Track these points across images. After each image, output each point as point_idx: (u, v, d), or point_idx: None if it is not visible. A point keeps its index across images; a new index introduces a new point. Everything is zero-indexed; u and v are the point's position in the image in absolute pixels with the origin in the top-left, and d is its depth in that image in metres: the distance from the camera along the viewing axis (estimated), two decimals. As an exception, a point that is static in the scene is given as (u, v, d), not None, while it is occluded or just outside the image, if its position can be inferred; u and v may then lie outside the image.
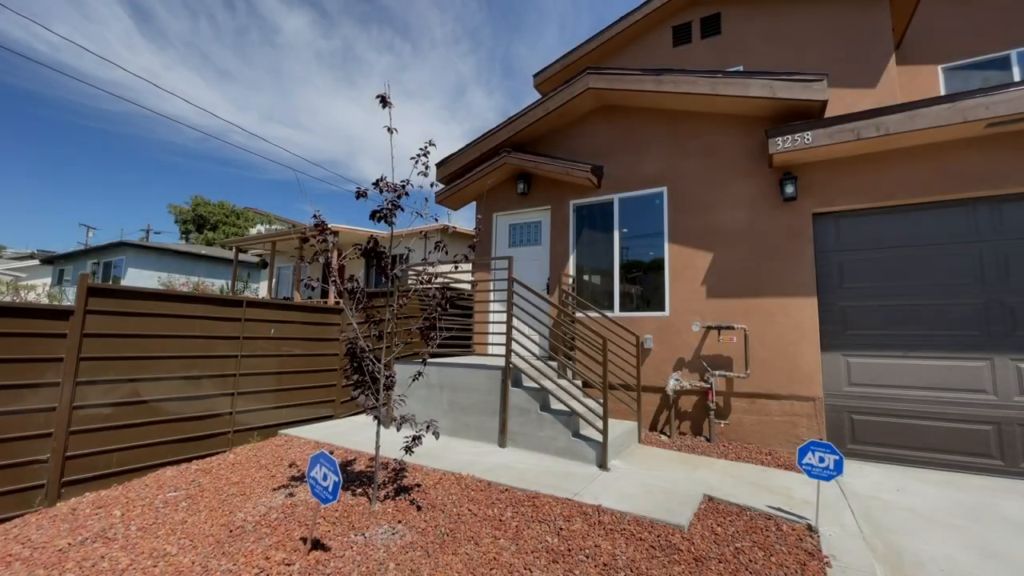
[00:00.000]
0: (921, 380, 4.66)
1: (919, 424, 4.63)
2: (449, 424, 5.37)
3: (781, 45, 7.80)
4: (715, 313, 5.60)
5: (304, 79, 58.52)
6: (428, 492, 3.71)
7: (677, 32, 9.00)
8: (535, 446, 4.80)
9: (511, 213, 7.59)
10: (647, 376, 5.82)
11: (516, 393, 5.00)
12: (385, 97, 3.27)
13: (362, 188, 3.27)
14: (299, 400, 5.92)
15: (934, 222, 4.79)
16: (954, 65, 7.67)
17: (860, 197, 5.04)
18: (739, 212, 5.62)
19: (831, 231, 5.21)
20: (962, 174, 4.63)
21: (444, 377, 5.53)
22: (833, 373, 5.02)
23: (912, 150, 4.83)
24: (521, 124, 7.13)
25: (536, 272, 7.19)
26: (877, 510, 3.67)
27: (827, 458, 3.33)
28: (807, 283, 5.15)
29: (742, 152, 5.72)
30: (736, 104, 5.62)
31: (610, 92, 6.47)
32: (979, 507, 3.70)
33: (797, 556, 2.89)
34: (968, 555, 2.98)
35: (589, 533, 3.08)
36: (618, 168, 6.59)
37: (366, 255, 3.32)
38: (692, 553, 2.87)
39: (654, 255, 6.23)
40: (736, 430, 5.36)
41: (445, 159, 7.94)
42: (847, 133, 4.75)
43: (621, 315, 6.23)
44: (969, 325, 4.53)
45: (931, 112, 4.45)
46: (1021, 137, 4.43)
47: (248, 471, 4.29)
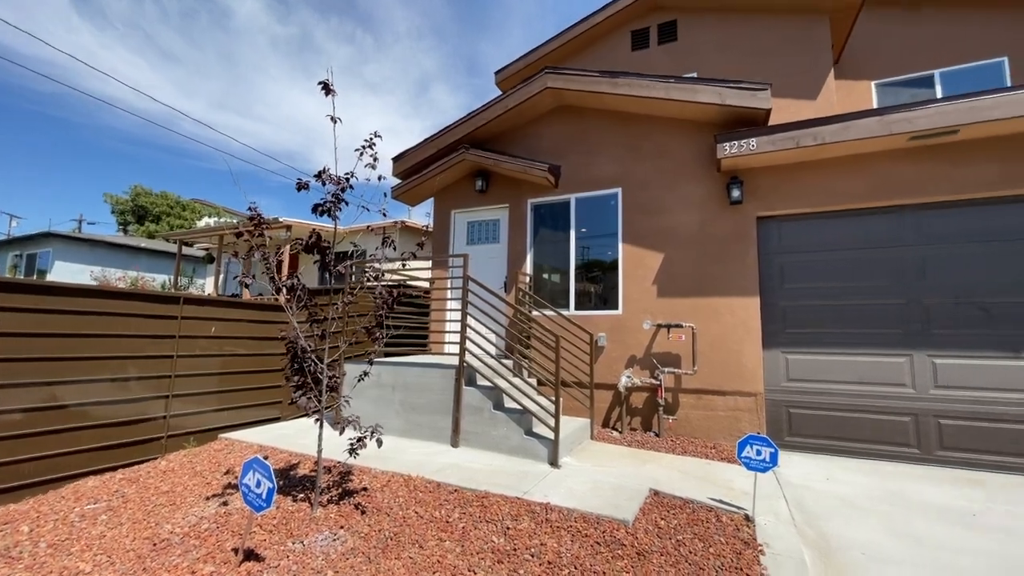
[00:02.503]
0: (850, 375, 4.97)
1: (848, 416, 4.94)
2: (401, 424, 5.26)
3: (732, 54, 8.11)
4: (665, 312, 5.75)
5: (259, 66, 55.83)
6: (374, 495, 3.61)
7: (636, 37, 9.18)
8: (488, 445, 4.77)
9: (469, 211, 7.52)
10: (601, 373, 5.92)
11: (470, 392, 4.95)
12: (328, 84, 3.13)
13: (303, 180, 3.12)
14: (244, 402, 5.63)
15: (864, 227, 5.11)
16: (885, 82, 8.23)
17: (800, 202, 5.31)
18: (689, 214, 5.80)
19: (774, 234, 5.46)
20: (889, 183, 4.96)
21: (397, 377, 5.40)
22: (773, 369, 5.28)
23: (846, 159, 5.13)
24: (480, 121, 7.07)
25: (494, 270, 7.16)
26: (809, 498, 3.87)
27: (764, 451, 3.48)
28: (751, 284, 5.38)
29: (693, 156, 5.90)
30: (688, 109, 5.79)
31: (568, 92, 6.52)
32: (898, 492, 3.97)
33: (734, 546, 3.00)
34: (888, 538, 3.19)
35: (536, 532, 3.08)
36: (575, 168, 6.65)
37: (308, 250, 3.18)
38: (635, 547, 2.92)
39: (609, 255, 6.33)
40: (684, 425, 5.54)
41: (402, 154, 7.77)
42: (788, 141, 4.99)
43: (576, 313, 6.30)
44: (892, 324, 4.87)
45: (862, 124, 4.74)
46: (939, 150, 4.79)
47: (180, 479, 4.03)
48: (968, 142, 4.68)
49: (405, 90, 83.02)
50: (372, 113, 76.19)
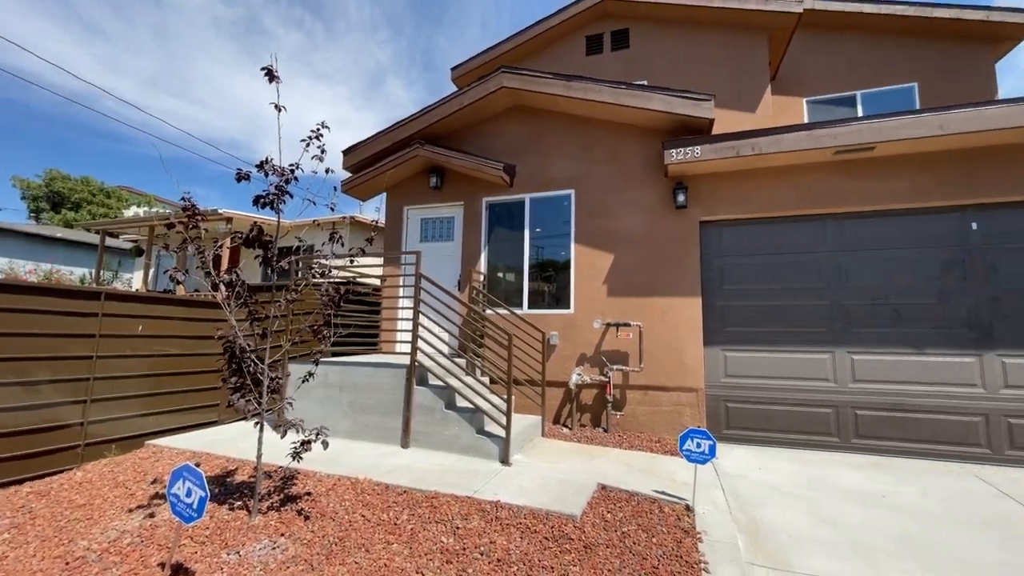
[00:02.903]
0: (781, 371, 5.34)
1: (779, 409, 5.30)
2: (349, 426, 5.10)
3: (680, 65, 8.47)
4: (615, 311, 5.93)
5: (199, 47, 51.99)
6: (319, 500, 3.48)
7: (590, 42, 9.38)
8: (439, 445, 4.72)
9: (423, 207, 7.40)
10: (552, 371, 6.01)
11: (421, 392, 4.88)
12: (272, 71, 2.97)
13: (244, 170, 2.95)
14: (176, 405, 5.26)
15: (795, 233, 5.50)
16: (815, 99, 8.89)
17: (739, 208, 5.63)
18: (637, 217, 6.01)
19: (715, 238, 5.76)
20: (816, 193, 5.37)
21: (345, 377, 5.23)
22: (713, 366, 5.57)
23: (780, 170, 5.50)
24: (435, 116, 6.98)
25: (448, 268, 7.09)
26: (743, 487, 4.12)
27: (703, 443, 3.67)
28: (694, 285, 5.65)
29: (642, 161, 6.12)
30: (638, 115, 5.99)
31: (523, 92, 6.56)
32: (821, 479, 4.31)
33: (674, 535, 3.14)
34: (810, 521, 3.46)
35: (486, 530, 3.08)
36: (530, 168, 6.71)
37: (248, 244, 3.01)
38: (583, 541, 3.00)
39: (562, 255, 6.44)
40: (631, 420, 5.74)
41: (353, 147, 7.53)
42: (728, 150, 5.28)
43: (530, 312, 6.36)
44: (818, 323, 5.28)
45: (793, 137, 5.10)
46: (859, 164, 5.24)
47: (100, 490, 3.71)
48: (883, 158, 5.14)
49: (358, 81, 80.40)
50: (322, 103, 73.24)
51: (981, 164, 4.89)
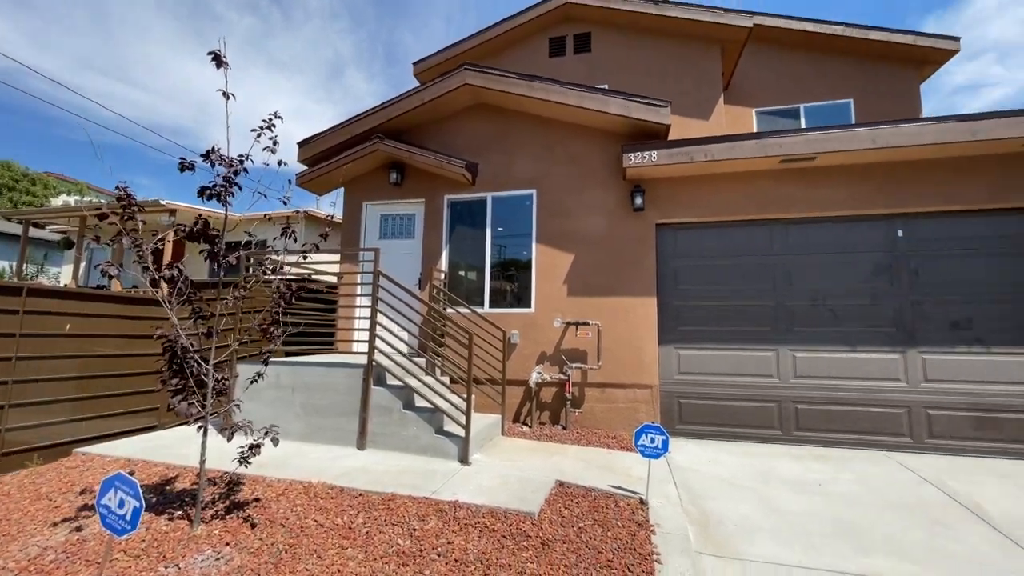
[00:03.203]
0: (730, 368, 5.60)
1: (728, 404, 5.56)
2: (301, 428, 4.92)
3: (639, 71, 8.70)
4: (574, 310, 6.03)
5: (141, 26, 48.45)
6: (268, 506, 3.33)
7: (553, 44, 9.48)
8: (397, 446, 4.64)
9: (383, 203, 7.24)
10: (513, 370, 6.04)
11: (378, 392, 4.78)
12: (219, 55, 2.81)
13: (187, 160, 2.78)
14: (109, 410, 4.90)
15: (744, 237, 5.78)
16: (764, 110, 9.37)
17: (693, 212, 5.85)
18: (597, 218, 6.13)
19: (670, 240, 5.97)
20: (764, 199, 5.66)
21: (298, 377, 5.04)
22: (667, 363, 5.77)
23: (732, 176, 5.76)
24: (396, 111, 6.84)
25: (409, 266, 6.98)
26: (694, 480, 4.29)
27: (657, 439, 3.79)
28: (650, 285, 5.83)
29: (602, 163, 6.24)
30: (598, 118, 6.11)
31: (486, 91, 6.54)
32: (765, 470, 4.56)
33: (629, 528, 3.23)
34: (755, 510, 3.64)
35: (443, 530, 3.06)
36: (492, 167, 6.70)
37: (192, 238, 2.83)
38: (540, 538, 3.02)
39: (524, 254, 6.48)
40: (588, 417, 5.85)
41: (309, 139, 7.27)
42: (683, 155, 5.48)
43: (491, 311, 6.36)
44: (764, 322, 5.57)
45: (744, 145, 5.36)
46: (803, 173, 5.57)
47: (19, 504, 3.39)
48: (824, 168, 5.49)
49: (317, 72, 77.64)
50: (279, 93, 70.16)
51: (906, 177, 5.31)
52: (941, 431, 5.01)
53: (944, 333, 5.13)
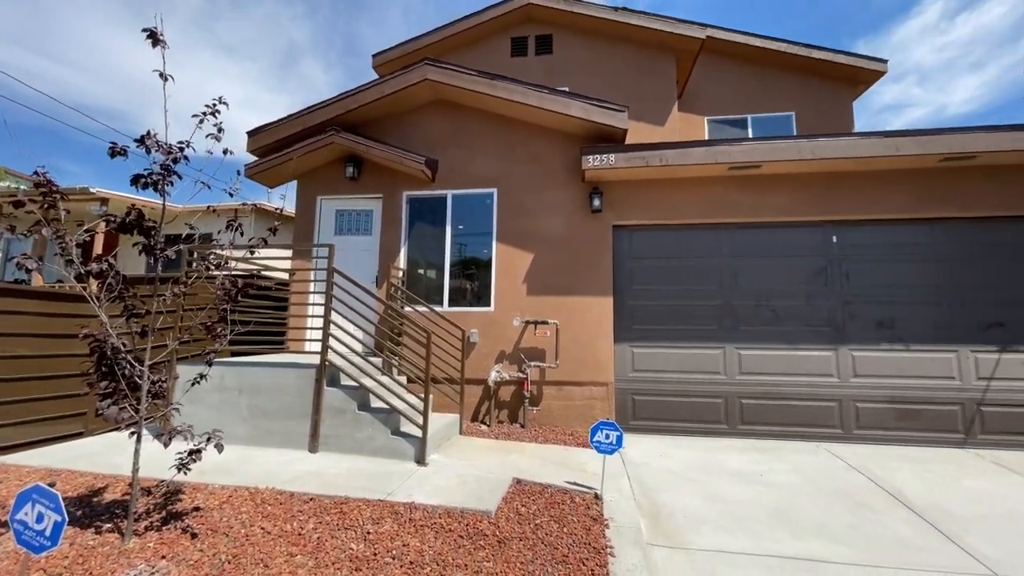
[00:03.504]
0: (681, 365, 5.83)
1: (679, 400, 5.78)
2: (248, 432, 4.69)
3: (598, 75, 8.88)
4: (533, 309, 6.08)
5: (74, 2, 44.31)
6: (210, 515, 3.15)
7: (515, 43, 9.50)
8: (351, 448, 4.51)
9: (338, 198, 7.01)
10: (471, 369, 6.01)
11: (332, 393, 4.63)
12: (155, 33, 2.62)
13: (119, 145, 2.57)
14: (28, 415, 4.48)
15: (695, 240, 6.02)
16: (715, 119, 9.81)
17: (648, 214, 6.04)
18: (557, 219, 6.21)
19: (626, 241, 6.13)
20: (713, 204, 5.93)
21: (245, 379, 4.80)
22: (622, 361, 5.93)
23: (684, 181, 5.99)
24: (353, 103, 6.64)
25: (365, 264, 6.80)
26: (646, 474, 4.44)
27: (611, 435, 3.88)
28: (606, 285, 5.97)
29: (562, 164, 6.33)
30: (558, 120, 6.18)
31: (447, 87, 6.47)
32: (712, 463, 4.78)
33: (584, 523, 3.29)
34: (702, 501, 3.81)
35: (398, 533, 3.00)
36: (453, 164, 6.64)
37: (125, 229, 2.63)
38: (497, 536, 3.03)
39: (484, 253, 6.46)
40: (546, 415, 5.92)
41: (260, 128, 6.93)
42: (639, 160, 5.64)
43: (450, 310, 6.30)
44: (712, 321, 5.84)
45: (695, 152, 5.59)
46: (750, 180, 5.87)
47: (-85, 523, 3.03)
48: (768, 176, 5.82)
49: (269, 59, 74.07)
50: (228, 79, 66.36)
51: (840, 186, 5.72)
52: (867, 422, 5.43)
53: (871, 332, 5.57)
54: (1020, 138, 5.04)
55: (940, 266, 5.55)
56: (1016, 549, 3.09)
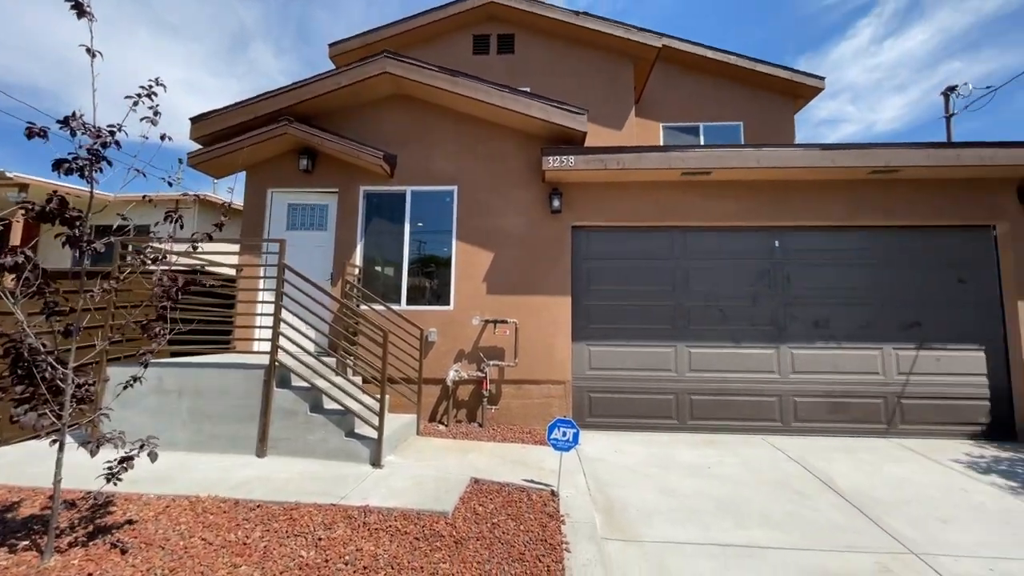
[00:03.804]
0: (635, 363, 6.01)
1: (633, 397, 5.96)
2: (190, 437, 4.42)
3: (558, 78, 8.99)
4: (493, 308, 6.08)
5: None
6: (144, 527, 2.94)
7: (477, 41, 9.45)
8: (303, 451, 4.34)
9: (291, 191, 6.72)
10: (430, 368, 5.94)
11: (282, 394, 4.43)
12: (80, 3, 2.39)
13: (39, 126, 2.34)
14: (-78, 425, 4.00)
15: (650, 241, 6.22)
16: (670, 125, 10.16)
17: (605, 216, 6.18)
18: (517, 218, 6.24)
19: (584, 242, 6.25)
20: (667, 207, 6.14)
21: (186, 381, 4.51)
22: (579, 360, 6.04)
23: (641, 184, 6.17)
24: (308, 93, 6.38)
25: (320, 260, 6.55)
26: (601, 469, 4.54)
27: (568, 432, 3.94)
28: (565, 285, 6.06)
29: (522, 164, 6.36)
30: (519, 120, 6.21)
31: (408, 82, 6.35)
32: (664, 457, 4.95)
33: (540, 520, 3.33)
34: (654, 495, 3.94)
35: (352, 537, 2.92)
36: (412, 160, 6.53)
37: (45, 218, 2.40)
38: (454, 537, 3.01)
39: (444, 251, 6.39)
40: (505, 414, 5.94)
41: (205, 115, 6.52)
42: (598, 162, 5.76)
43: (408, 309, 6.19)
44: (665, 321, 6.06)
45: (651, 156, 5.77)
46: (701, 186, 6.12)
47: None
48: (718, 182, 6.09)
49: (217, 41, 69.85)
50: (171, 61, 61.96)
51: (783, 194, 6.07)
52: (804, 415, 5.81)
53: (808, 331, 5.96)
54: (934, 155, 5.54)
55: (867, 270, 6.01)
56: (928, 528, 3.40)
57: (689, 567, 2.86)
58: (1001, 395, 5.70)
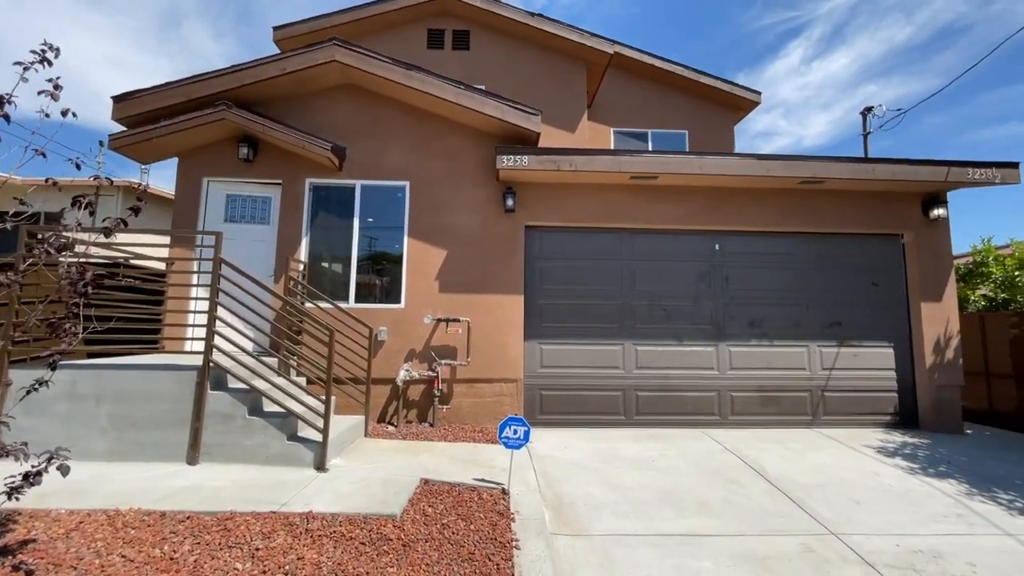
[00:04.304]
0: (585, 361, 6.16)
1: (583, 394, 6.11)
2: (110, 446, 4.05)
3: (513, 78, 9.02)
4: (445, 307, 6.01)
5: None
6: (53, 546, 2.66)
7: (432, 35, 9.31)
8: (241, 457, 4.10)
9: (230, 181, 6.32)
10: (379, 368, 5.79)
11: (217, 397, 4.16)
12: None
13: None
14: None
15: (600, 242, 6.39)
16: (620, 130, 10.47)
17: (558, 216, 6.28)
18: (471, 216, 6.21)
19: (536, 241, 6.32)
20: (617, 210, 6.33)
21: (105, 384, 4.13)
22: (531, 358, 6.11)
23: (592, 187, 6.32)
24: (250, 77, 6.02)
25: (262, 255, 6.21)
26: (551, 466, 4.61)
27: (519, 430, 3.98)
28: (518, 283, 6.10)
29: (477, 162, 6.33)
30: (474, 118, 6.17)
31: (359, 72, 6.14)
32: (611, 452, 5.10)
33: (491, 518, 3.33)
34: (601, 489, 4.06)
35: (293, 546, 2.79)
36: (363, 154, 6.32)
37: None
38: (402, 540, 2.95)
39: (395, 248, 6.25)
40: (456, 413, 5.90)
41: (132, 94, 5.99)
42: (551, 163, 5.84)
43: (357, 307, 6.00)
44: (613, 320, 6.25)
45: (602, 159, 5.92)
46: (648, 190, 6.36)
47: None
48: (664, 187, 6.35)
49: (147, 16, 64.32)
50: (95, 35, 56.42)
51: (723, 200, 6.42)
52: (740, 409, 6.19)
53: (744, 329, 6.35)
54: (853, 168, 6.06)
55: (796, 273, 6.49)
56: (845, 510, 3.73)
57: (633, 557, 2.96)
58: (907, 387, 6.34)
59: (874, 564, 2.95)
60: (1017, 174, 6.11)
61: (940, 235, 6.47)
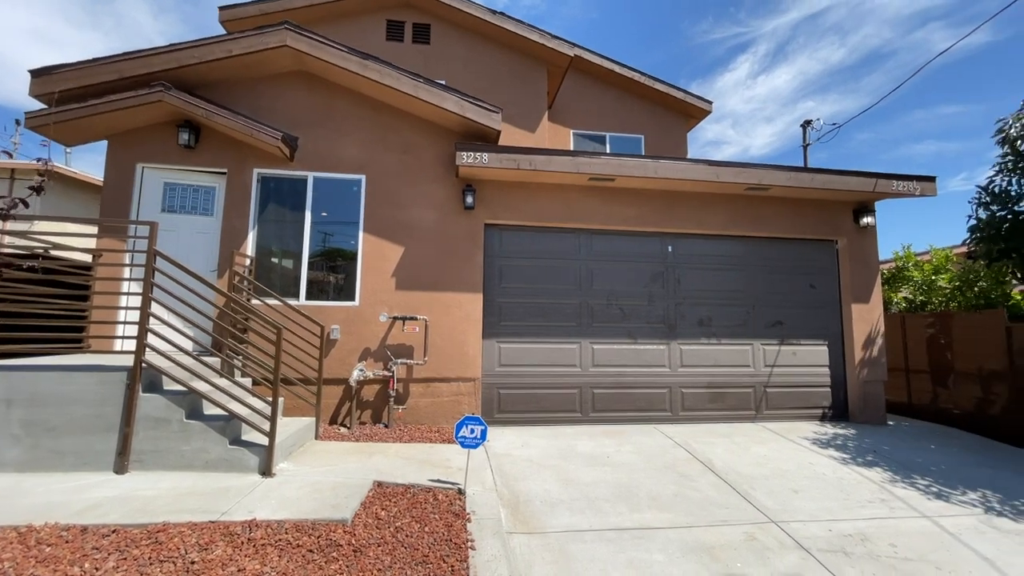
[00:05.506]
0: (543, 359, 6.20)
1: (540, 392, 6.14)
2: (23, 455, 3.67)
3: (474, 75, 8.95)
4: (403, 305, 5.88)
5: None
6: (-50, 569, 2.38)
7: (391, 27, 9.07)
8: (176, 464, 3.82)
9: (168, 168, 5.89)
10: (332, 368, 5.58)
11: (150, 400, 3.86)
12: None
13: None
14: None
15: (559, 242, 6.45)
16: (579, 132, 10.62)
17: (517, 215, 6.28)
18: (429, 212, 6.10)
19: (496, 240, 6.30)
20: (574, 210, 6.41)
21: (16, 386, 3.73)
22: (489, 356, 6.08)
23: (551, 186, 6.36)
24: (192, 57, 5.63)
25: (204, 248, 5.84)
26: (508, 464, 4.61)
27: (476, 429, 3.94)
28: (477, 281, 6.05)
29: (436, 158, 6.23)
30: (434, 112, 6.06)
31: (312, 59, 5.88)
32: (567, 449, 5.16)
33: (446, 520, 3.28)
34: (557, 486, 4.09)
35: (233, 557, 2.62)
36: (316, 145, 6.07)
37: None
38: (353, 545, 2.85)
39: (350, 244, 6.04)
40: (412, 413, 5.78)
41: (54, 68, 5.48)
42: (510, 161, 5.83)
43: (308, 304, 5.76)
44: (571, 318, 6.33)
45: (561, 160, 5.98)
46: (605, 191, 6.48)
47: None
48: (621, 189, 6.50)
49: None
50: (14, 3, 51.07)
51: (675, 203, 6.65)
52: (690, 405, 6.43)
53: (694, 328, 6.60)
54: (795, 177, 6.44)
55: (743, 275, 6.82)
56: (785, 499, 3.95)
57: (588, 553, 3.00)
58: (839, 382, 6.81)
59: (809, 549, 3.14)
60: (934, 187, 6.70)
61: (869, 241, 6.99)
